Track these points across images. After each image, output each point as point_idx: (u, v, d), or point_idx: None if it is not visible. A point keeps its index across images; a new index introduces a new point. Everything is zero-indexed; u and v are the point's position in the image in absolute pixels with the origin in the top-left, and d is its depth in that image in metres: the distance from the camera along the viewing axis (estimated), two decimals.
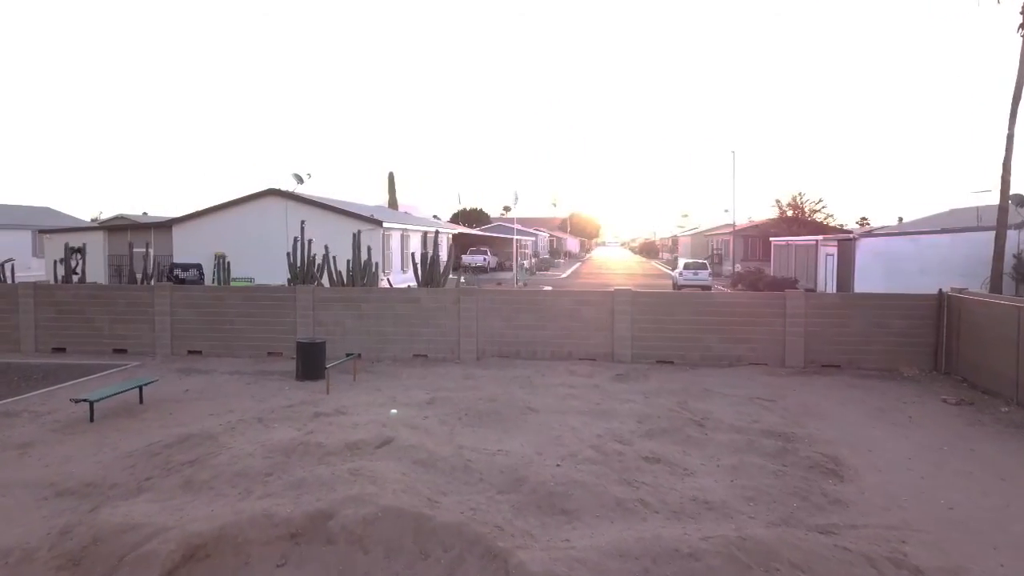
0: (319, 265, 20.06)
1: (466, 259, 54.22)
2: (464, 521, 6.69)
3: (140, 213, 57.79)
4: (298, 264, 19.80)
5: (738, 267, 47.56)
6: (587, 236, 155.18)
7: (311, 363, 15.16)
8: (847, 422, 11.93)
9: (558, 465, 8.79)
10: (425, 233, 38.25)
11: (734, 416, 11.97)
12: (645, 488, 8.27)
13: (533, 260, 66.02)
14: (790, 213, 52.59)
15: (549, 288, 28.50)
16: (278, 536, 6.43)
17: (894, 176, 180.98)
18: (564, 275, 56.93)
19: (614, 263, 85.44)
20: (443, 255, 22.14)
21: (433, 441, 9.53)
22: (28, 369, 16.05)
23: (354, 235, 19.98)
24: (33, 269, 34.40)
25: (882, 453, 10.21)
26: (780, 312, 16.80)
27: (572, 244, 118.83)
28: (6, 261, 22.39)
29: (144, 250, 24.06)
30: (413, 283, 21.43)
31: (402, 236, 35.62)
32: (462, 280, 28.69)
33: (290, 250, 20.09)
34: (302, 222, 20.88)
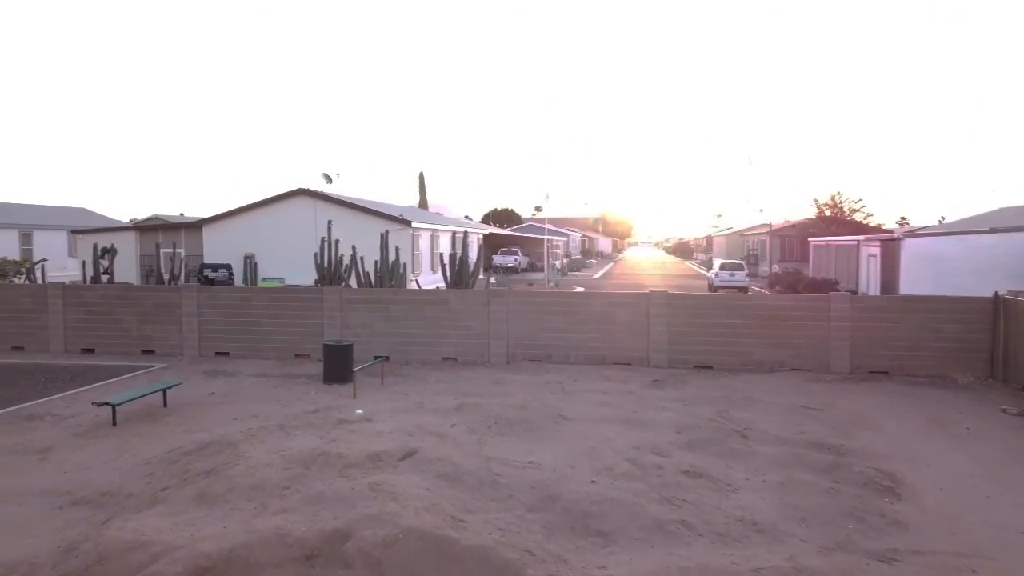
0: (347, 266, 19.74)
1: (497, 259, 53.79)
2: (491, 545, 6.18)
3: (177, 214, 58.21)
4: (325, 265, 19.49)
5: (775, 268, 46.41)
6: (619, 236, 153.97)
7: (338, 366, 14.81)
8: (901, 434, 11.19)
9: (592, 481, 8.25)
10: (454, 233, 37.87)
11: (779, 426, 11.31)
12: (687, 507, 7.69)
13: (565, 260, 65.34)
14: (828, 213, 51.27)
15: (581, 289, 27.94)
16: (292, 558, 5.98)
17: (932, 175, 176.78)
18: (596, 276, 56.19)
19: (647, 263, 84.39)
20: (472, 255, 21.70)
21: (460, 452, 9.04)
22: (56, 370, 15.92)
23: (382, 235, 19.62)
24: (69, 269, 34.67)
25: (941, 469, 9.49)
26: (824, 315, 16.04)
27: (604, 244, 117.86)
28: (39, 261, 22.47)
29: (172, 250, 23.95)
30: (442, 284, 21.01)
31: (431, 236, 35.28)
32: (492, 281, 28.23)
33: (318, 250, 19.80)
34: (329, 222, 20.59)
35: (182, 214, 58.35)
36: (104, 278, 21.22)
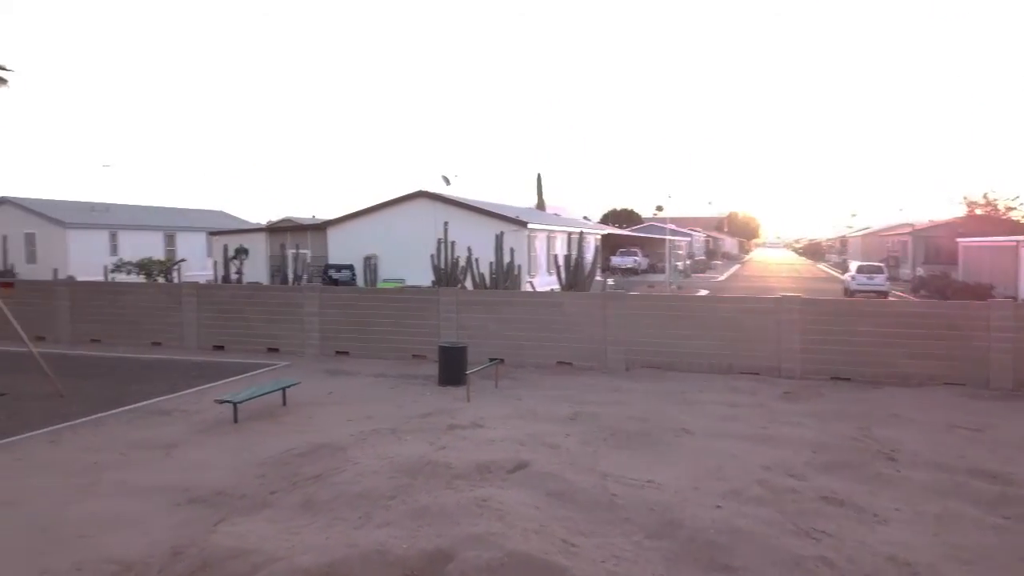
0: (462, 267, 19.64)
1: (615, 260, 52.81)
2: None
3: (309, 216, 60.75)
4: (441, 266, 19.47)
5: (919, 271, 42.97)
6: (746, 236, 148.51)
7: (452, 368, 14.62)
8: None
9: (718, 506, 7.50)
10: (570, 234, 37.36)
11: (931, 448, 10.07)
12: (827, 541, 6.82)
13: (687, 262, 63.35)
14: (980, 212, 47.07)
15: (705, 292, 26.79)
16: None
17: None
18: (721, 278, 54.08)
19: (776, 265, 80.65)
20: (589, 257, 21.10)
21: (573, 467, 8.50)
22: (188, 366, 16.63)
23: (496, 237, 19.37)
24: (207, 269, 36.80)
25: None
26: (983, 324, 14.35)
27: (730, 245, 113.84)
28: (178, 262, 23.77)
29: (295, 251, 24.75)
30: (557, 287, 20.54)
31: (547, 237, 34.90)
32: (609, 283, 27.50)
33: (432, 252, 19.81)
34: (445, 223, 20.59)
35: (314, 216, 60.87)
36: (237, 278, 22.11)
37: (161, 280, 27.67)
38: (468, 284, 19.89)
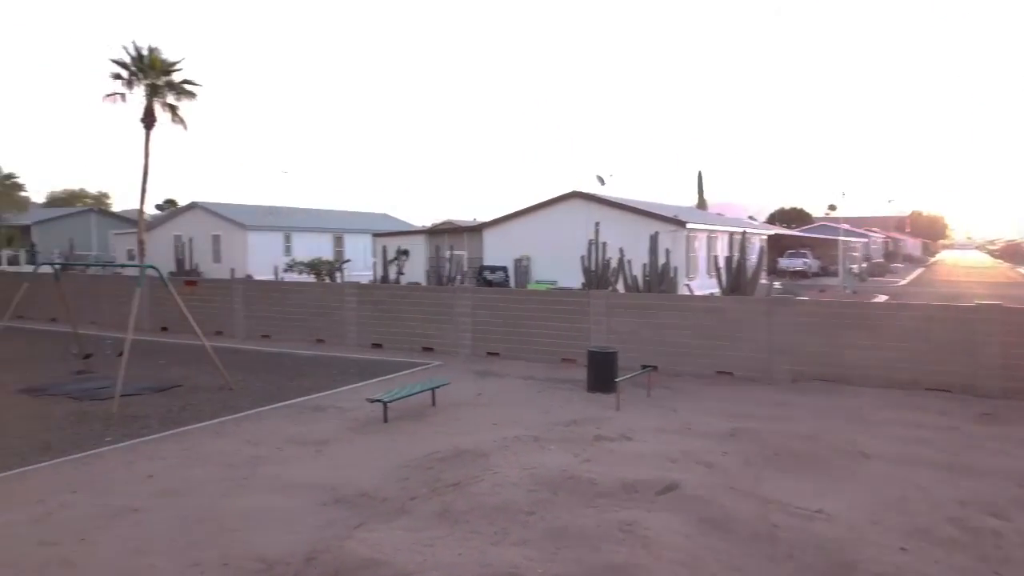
0: (613, 269, 19.01)
1: (783, 262, 49.96)
2: None
3: (470, 219, 62.25)
4: (592, 268, 18.95)
5: None
6: (931, 237, 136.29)
7: (602, 374, 14.08)
8: None
9: (903, 548, 6.46)
10: (731, 234, 35.58)
11: None
12: None
13: (863, 264, 58.73)
14: None
15: (884, 298, 24.48)
16: None
17: None
18: (903, 282, 49.59)
19: (967, 269, 73.12)
20: (753, 259, 19.78)
21: (731, 491, 7.71)
22: (346, 363, 17.19)
23: (651, 237, 18.57)
24: (370, 269, 38.50)
25: None
26: None
27: (912, 246, 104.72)
28: (343, 262, 24.85)
29: (449, 253, 25.15)
30: (717, 290, 19.42)
31: (708, 238, 33.40)
32: (776, 286, 25.79)
33: (584, 253, 19.33)
34: (596, 224, 20.03)
35: (475, 219, 62.28)
36: (396, 278, 22.77)
37: (326, 279, 29.22)
38: (620, 287, 19.23)
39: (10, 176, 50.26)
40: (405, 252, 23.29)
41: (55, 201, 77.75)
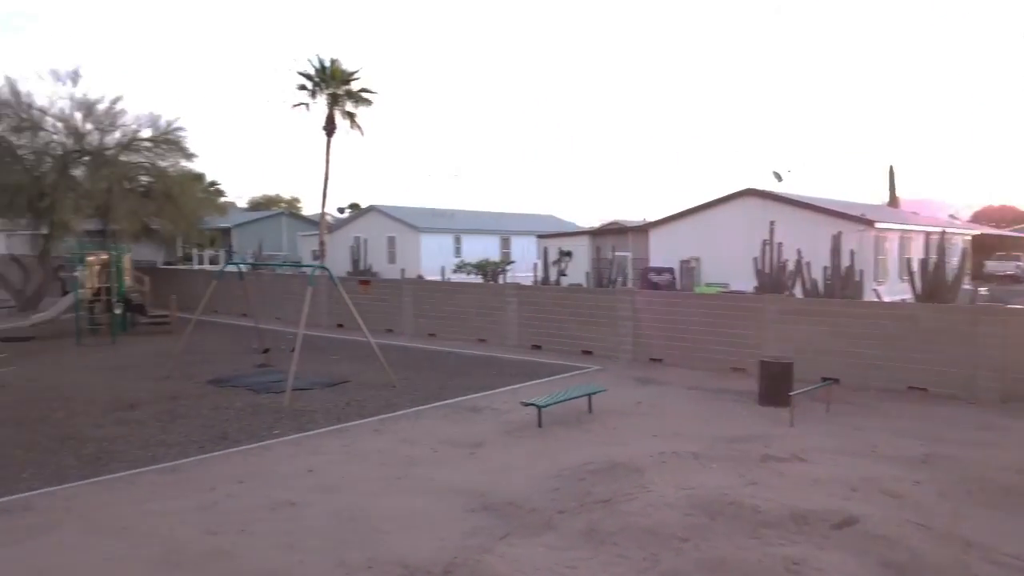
0: (790, 272, 17.64)
1: (992, 266, 44.82)
2: None
3: (639, 219, 61.12)
4: (765, 270, 17.69)
5: None
6: None
7: (775, 385, 13.00)
8: None
9: None
10: (928, 235, 32.24)
11: None
12: None
13: None
14: None
15: None
16: None
17: None
18: None
19: None
20: (954, 261, 17.64)
21: (922, 529, 6.66)
22: (505, 364, 17.18)
23: (833, 238, 17.04)
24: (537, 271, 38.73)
25: None
26: None
27: None
28: (507, 263, 25.03)
29: (611, 254, 24.56)
30: (910, 296, 17.49)
31: (900, 239, 30.44)
32: (981, 292, 22.99)
33: (757, 255, 18.10)
34: (771, 223, 18.70)
35: (644, 219, 61.08)
36: (557, 280, 22.60)
37: (491, 281, 29.70)
38: (797, 291, 17.81)
39: (213, 184, 55.76)
40: (568, 253, 23.06)
41: (255, 206, 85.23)
